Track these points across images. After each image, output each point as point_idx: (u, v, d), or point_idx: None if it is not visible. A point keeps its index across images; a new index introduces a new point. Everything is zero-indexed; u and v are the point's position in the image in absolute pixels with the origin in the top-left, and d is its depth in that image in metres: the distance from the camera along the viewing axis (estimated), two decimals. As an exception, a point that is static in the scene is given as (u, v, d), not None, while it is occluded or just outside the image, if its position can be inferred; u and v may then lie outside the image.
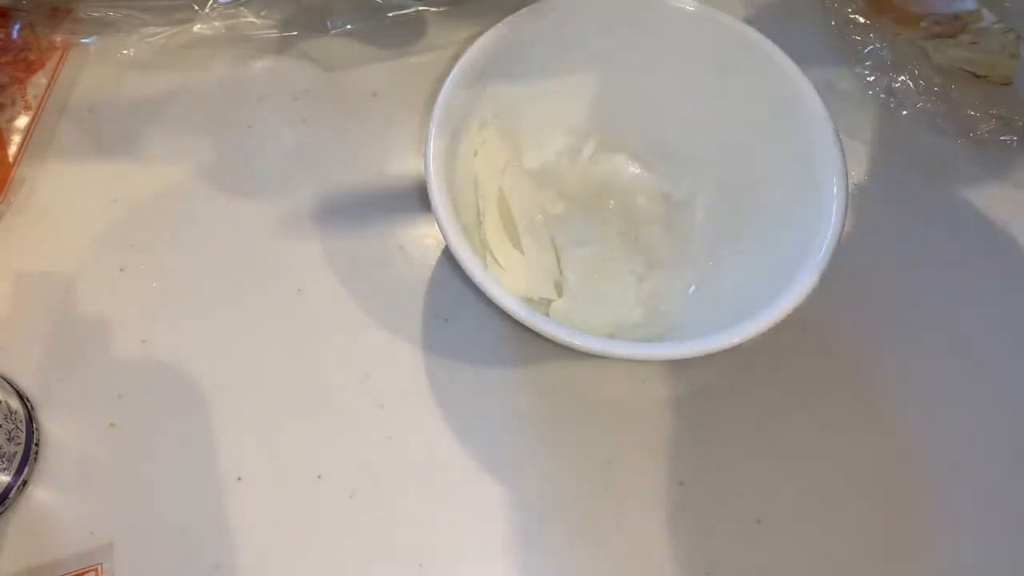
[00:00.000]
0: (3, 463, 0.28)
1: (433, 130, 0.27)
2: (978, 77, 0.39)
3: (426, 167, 0.27)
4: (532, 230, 0.31)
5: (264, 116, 0.36)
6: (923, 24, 0.39)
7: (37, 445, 0.29)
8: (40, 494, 0.29)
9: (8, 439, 0.28)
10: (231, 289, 0.33)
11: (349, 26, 0.38)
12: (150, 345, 0.32)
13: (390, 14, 0.38)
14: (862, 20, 0.40)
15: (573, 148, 0.34)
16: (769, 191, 0.30)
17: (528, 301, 0.26)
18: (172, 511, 0.29)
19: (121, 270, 0.33)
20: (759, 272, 0.29)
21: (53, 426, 0.30)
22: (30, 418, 0.29)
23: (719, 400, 0.32)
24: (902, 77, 0.39)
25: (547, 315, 0.29)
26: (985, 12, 0.39)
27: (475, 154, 0.31)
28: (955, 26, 0.39)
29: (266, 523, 0.29)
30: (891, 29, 0.40)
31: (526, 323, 0.25)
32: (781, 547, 0.30)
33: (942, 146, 0.38)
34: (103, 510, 0.29)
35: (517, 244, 0.31)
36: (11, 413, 0.28)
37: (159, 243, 0.33)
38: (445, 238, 0.26)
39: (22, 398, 0.30)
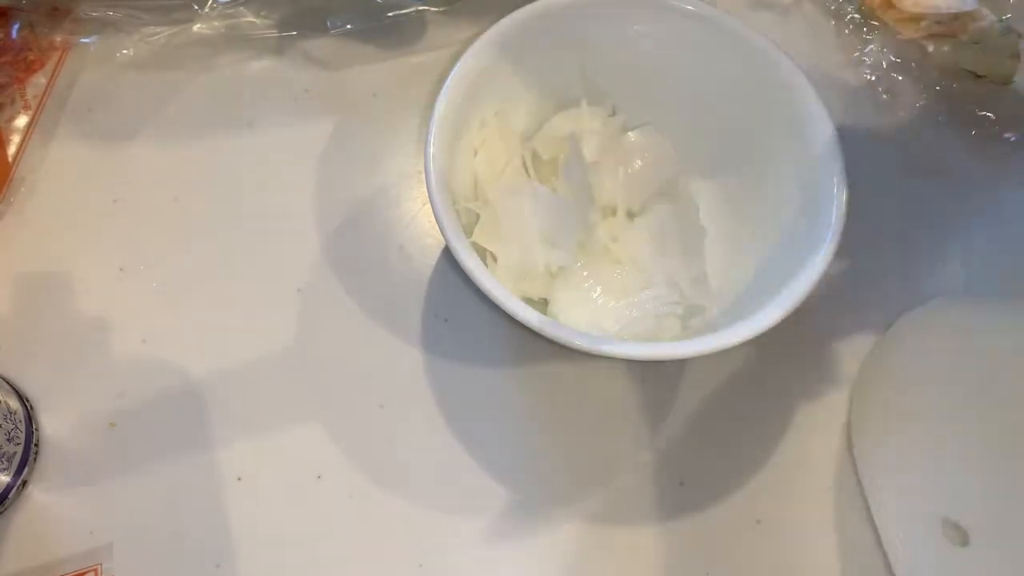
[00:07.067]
0: (3, 463, 0.28)
1: (433, 130, 0.27)
2: (978, 76, 0.39)
3: (426, 167, 0.27)
4: (531, 229, 0.31)
5: (264, 116, 0.36)
6: (923, 24, 0.39)
7: (37, 445, 0.29)
8: (40, 494, 0.29)
9: (8, 439, 0.28)
10: (231, 289, 0.33)
11: (349, 26, 0.38)
12: (150, 345, 0.32)
13: (390, 14, 0.38)
14: (862, 20, 0.40)
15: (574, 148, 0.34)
16: (768, 194, 0.30)
17: (527, 301, 0.26)
18: (172, 511, 0.29)
19: (121, 270, 0.33)
20: (758, 274, 0.29)
21: (53, 426, 0.30)
22: (30, 418, 0.29)
23: (719, 400, 0.32)
24: (902, 77, 0.39)
25: (546, 314, 0.29)
26: (985, 11, 0.39)
27: (475, 154, 0.31)
28: (955, 26, 0.39)
29: (266, 523, 0.29)
30: (891, 29, 0.40)
31: (526, 323, 0.25)
32: (781, 547, 0.30)
33: (942, 145, 0.38)
34: (103, 510, 0.29)
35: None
36: (10, 413, 0.28)
37: (159, 243, 0.34)
38: (445, 238, 0.26)
39: (22, 398, 0.30)
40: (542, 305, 0.31)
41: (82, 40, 0.37)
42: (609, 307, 0.30)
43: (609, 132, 0.33)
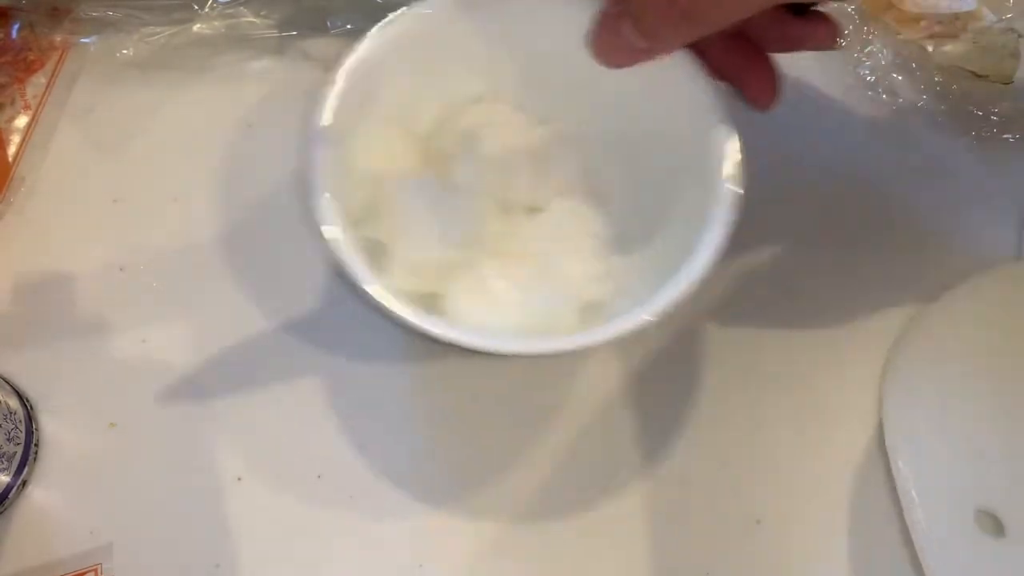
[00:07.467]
0: (3, 463, 0.28)
1: (322, 121, 0.26)
2: (978, 76, 0.39)
3: (312, 155, 0.26)
4: (426, 224, 0.30)
5: (264, 116, 0.36)
6: (923, 24, 0.39)
7: (37, 445, 0.29)
8: (40, 494, 0.29)
9: (7, 439, 0.28)
10: (231, 289, 0.33)
11: (349, 26, 0.38)
12: (150, 345, 0.32)
13: (390, 14, 0.38)
14: (861, 20, 0.40)
15: (472, 142, 0.33)
16: (670, 190, 0.29)
17: (423, 296, 0.26)
18: (172, 511, 0.29)
19: (121, 270, 0.33)
20: (657, 268, 0.28)
21: (53, 426, 0.30)
22: (29, 418, 0.29)
23: (719, 399, 0.32)
24: (902, 77, 0.39)
25: (443, 310, 0.28)
26: (985, 11, 0.39)
27: (370, 147, 0.30)
28: (955, 26, 0.39)
29: (266, 523, 0.29)
30: (891, 29, 0.40)
31: (403, 323, 0.25)
32: (781, 547, 0.30)
33: (942, 145, 0.38)
34: (103, 510, 0.29)
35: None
36: (10, 413, 0.28)
37: (159, 243, 0.33)
38: (327, 241, 0.25)
39: (21, 398, 0.30)
40: (438, 300, 0.30)
41: (82, 40, 0.37)
42: (505, 302, 0.29)
43: (514, 128, 0.32)
